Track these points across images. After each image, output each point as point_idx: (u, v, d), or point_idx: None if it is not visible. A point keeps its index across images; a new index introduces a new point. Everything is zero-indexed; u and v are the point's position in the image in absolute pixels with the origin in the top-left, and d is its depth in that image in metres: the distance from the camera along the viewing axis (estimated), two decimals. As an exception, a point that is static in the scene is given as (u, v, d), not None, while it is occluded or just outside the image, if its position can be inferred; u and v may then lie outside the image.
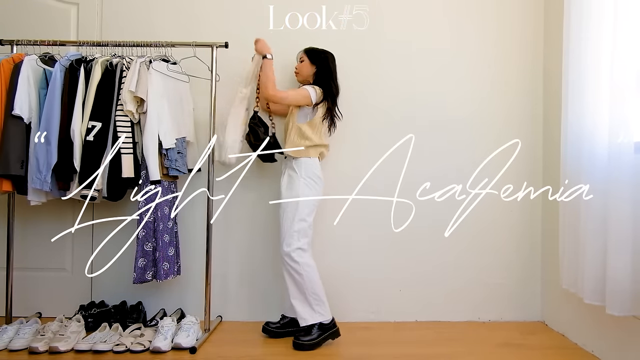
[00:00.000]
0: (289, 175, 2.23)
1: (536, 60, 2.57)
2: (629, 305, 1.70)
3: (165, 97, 2.22)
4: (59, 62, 2.18)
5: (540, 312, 2.54)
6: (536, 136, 2.56)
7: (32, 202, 2.17)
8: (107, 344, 2.03)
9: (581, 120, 1.96)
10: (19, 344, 2.03)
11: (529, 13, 2.57)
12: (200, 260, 2.40)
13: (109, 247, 2.49)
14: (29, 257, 2.52)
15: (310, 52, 2.31)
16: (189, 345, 2.05)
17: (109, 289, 2.50)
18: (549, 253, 2.47)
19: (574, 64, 2.01)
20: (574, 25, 2.01)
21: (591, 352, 2.06)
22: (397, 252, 2.53)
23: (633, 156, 1.70)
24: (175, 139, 2.24)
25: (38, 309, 2.49)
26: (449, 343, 2.20)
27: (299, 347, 2.08)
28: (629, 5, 1.72)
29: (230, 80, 2.36)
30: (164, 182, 2.26)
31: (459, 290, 2.53)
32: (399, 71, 2.56)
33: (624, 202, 1.70)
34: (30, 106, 2.15)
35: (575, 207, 1.97)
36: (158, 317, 2.34)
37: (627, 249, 1.69)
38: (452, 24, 2.57)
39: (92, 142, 2.12)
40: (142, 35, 2.38)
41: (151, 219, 2.23)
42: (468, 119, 2.55)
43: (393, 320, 2.51)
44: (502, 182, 2.54)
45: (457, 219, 2.53)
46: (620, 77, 1.74)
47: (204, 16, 2.55)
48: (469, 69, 2.56)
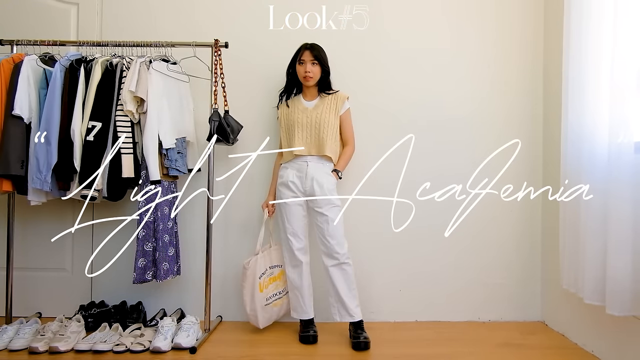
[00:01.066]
0: (326, 174, 2.20)
1: (536, 60, 2.57)
2: (629, 305, 1.70)
3: (165, 97, 2.22)
4: (59, 62, 2.18)
5: (540, 312, 2.53)
6: (536, 136, 2.56)
7: (32, 202, 2.17)
8: (107, 344, 2.03)
9: (581, 120, 1.96)
10: (19, 344, 2.03)
11: (529, 13, 2.57)
12: (200, 260, 2.40)
13: (109, 247, 2.50)
14: (29, 257, 2.52)
15: (319, 58, 2.21)
16: (189, 345, 2.05)
17: (109, 289, 2.50)
18: (549, 253, 2.47)
19: (574, 63, 2.00)
20: (574, 25, 2.01)
21: (591, 352, 2.06)
22: (397, 252, 2.53)
23: (633, 156, 1.70)
24: (175, 139, 2.24)
25: (38, 309, 2.49)
26: (449, 343, 2.20)
27: (366, 346, 2.07)
28: (629, 5, 1.72)
29: (231, 81, 2.36)
30: (164, 182, 2.26)
31: (459, 290, 2.53)
32: (398, 71, 2.55)
33: (624, 202, 1.70)
34: (30, 106, 2.15)
35: (575, 207, 1.97)
36: (158, 317, 2.34)
37: (627, 249, 1.69)
38: (452, 24, 2.57)
39: (92, 142, 2.12)
40: (142, 35, 2.38)
41: (151, 219, 2.23)
42: (468, 119, 2.55)
43: (393, 320, 2.51)
44: (502, 182, 2.54)
45: (457, 219, 2.53)
46: (620, 77, 1.73)
47: (204, 16, 2.55)
48: (469, 69, 2.56)
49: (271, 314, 2.29)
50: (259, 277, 2.25)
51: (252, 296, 2.23)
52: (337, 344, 2.16)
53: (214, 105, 2.21)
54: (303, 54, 2.22)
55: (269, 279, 2.28)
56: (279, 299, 2.30)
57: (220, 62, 2.26)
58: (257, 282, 2.23)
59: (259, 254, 2.29)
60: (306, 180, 2.19)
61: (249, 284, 2.24)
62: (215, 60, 2.25)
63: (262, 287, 2.24)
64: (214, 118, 2.17)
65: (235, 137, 2.32)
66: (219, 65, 2.26)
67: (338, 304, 2.17)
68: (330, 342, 2.17)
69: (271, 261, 2.32)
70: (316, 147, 2.22)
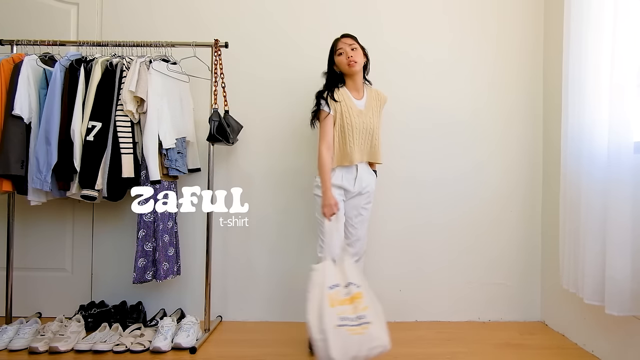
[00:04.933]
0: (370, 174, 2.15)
1: (536, 60, 2.57)
2: (629, 305, 1.70)
3: (165, 97, 2.22)
4: (59, 62, 2.18)
5: (540, 312, 2.54)
6: (536, 136, 2.56)
7: (32, 202, 2.17)
8: (107, 344, 2.03)
9: (581, 120, 1.96)
10: (19, 344, 2.03)
11: (529, 13, 2.57)
12: (200, 260, 2.40)
13: (109, 247, 2.50)
14: (29, 257, 2.52)
15: (357, 41, 2.10)
16: (189, 345, 2.05)
17: (109, 289, 2.50)
18: (549, 253, 2.47)
19: (574, 63, 2.01)
20: (574, 25, 2.01)
21: (591, 352, 2.06)
22: (397, 252, 2.53)
23: (633, 156, 1.70)
24: (175, 139, 2.24)
25: (38, 309, 2.49)
26: (449, 343, 2.20)
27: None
28: (629, 5, 1.72)
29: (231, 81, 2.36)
30: (164, 182, 2.26)
31: (459, 290, 2.53)
32: (398, 73, 2.55)
33: (624, 202, 1.70)
34: (30, 106, 2.15)
35: (575, 208, 1.97)
36: (158, 317, 2.34)
37: (627, 249, 1.69)
38: (453, 25, 2.57)
39: (92, 142, 2.12)
40: (142, 35, 2.38)
41: (151, 219, 2.23)
42: (468, 120, 2.55)
43: (393, 320, 2.51)
44: (502, 182, 2.55)
45: (458, 219, 2.53)
46: (620, 77, 1.73)
47: (204, 16, 2.55)
48: (469, 70, 2.56)
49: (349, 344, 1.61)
50: (330, 287, 1.73)
51: (320, 312, 1.66)
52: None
53: (214, 105, 2.21)
54: (339, 44, 2.09)
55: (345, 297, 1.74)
56: (357, 325, 1.66)
57: (220, 62, 2.26)
58: (326, 294, 1.70)
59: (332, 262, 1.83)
60: (356, 183, 2.09)
61: (316, 294, 1.71)
62: (215, 60, 2.25)
63: (333, 301, 1.70)
64: (214, 118, 2.17)
65: (235, 137, 2.32)
66: (219, 65, 2.26)
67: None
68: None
69: (346, 277, 1.79)
70: (368, 154, 2.12)
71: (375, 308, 1.74)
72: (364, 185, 2.11)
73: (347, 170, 2.08)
